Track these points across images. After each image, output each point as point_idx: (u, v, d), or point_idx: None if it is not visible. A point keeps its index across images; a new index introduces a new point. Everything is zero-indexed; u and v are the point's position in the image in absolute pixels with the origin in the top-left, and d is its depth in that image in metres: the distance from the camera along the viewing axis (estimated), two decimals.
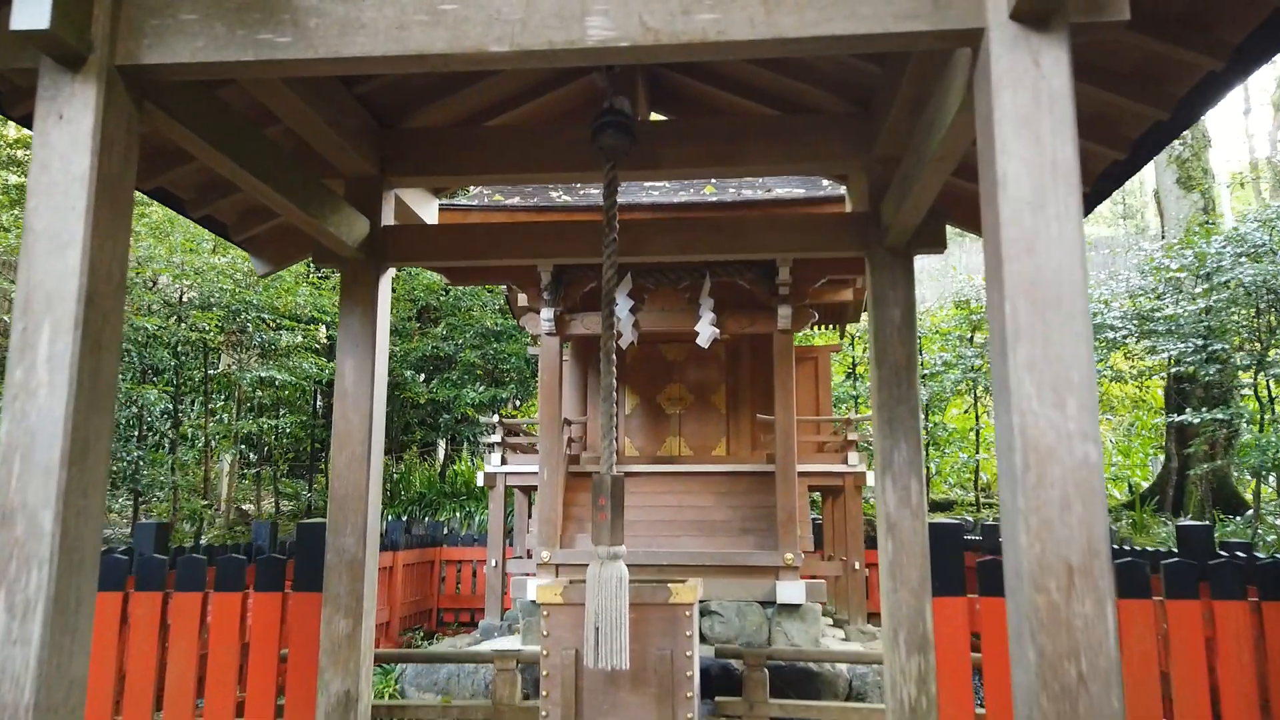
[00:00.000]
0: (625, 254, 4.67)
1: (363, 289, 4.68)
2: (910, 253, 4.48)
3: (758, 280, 7.87)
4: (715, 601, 7.47)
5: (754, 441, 9.12)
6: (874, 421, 4.49)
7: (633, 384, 9.39)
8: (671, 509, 8.13)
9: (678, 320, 8.07)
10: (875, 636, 8.16)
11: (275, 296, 10.89)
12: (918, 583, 4.17)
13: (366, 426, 4.55)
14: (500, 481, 8.77)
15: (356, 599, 4.40)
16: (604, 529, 4.02)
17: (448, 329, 13.43)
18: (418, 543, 11.33)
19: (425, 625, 11.50)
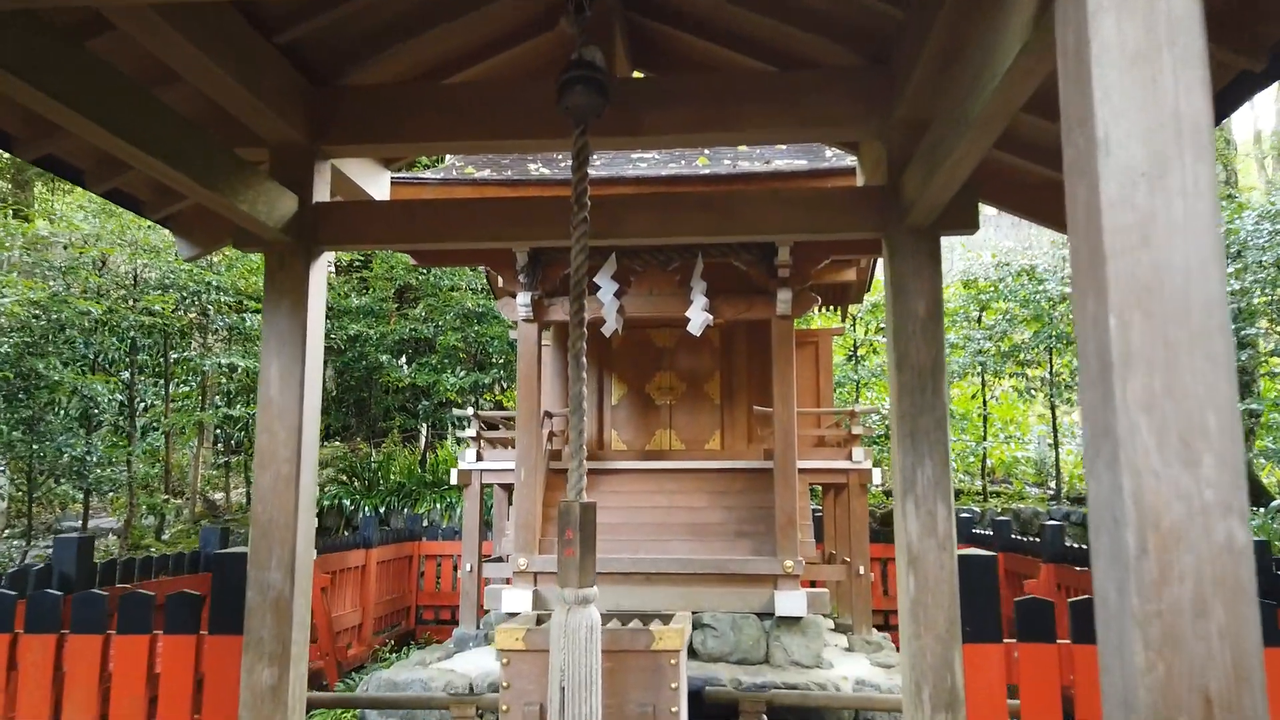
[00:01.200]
0: (602, 235, 3.98)
1: (290, 277, 3.98)
2: (936, 233, 3.79)
3: (755, 262, 7.16)
4: (708, 613, 6.83)
5: (750, 435, 8.45)
6: (893, 434, 3.81)
7: (619, 373, 8.71)
8: (661, 510, 7.47)
9: (667, 305, 7.38)
10: (881, 646, 7.54)
11: (239, 277, 10.17)
12: (945, 628, 3.51)
13: (295, 442, 3.87)
14: (476, 479, 8.10)
15: (283, 644, 3.74)
16: (571, 567, 3.35)
17: (427, 310, 12.71)
18: (394, 537, 10.69)
19: (403, 623, 10.89)
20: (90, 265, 9.40)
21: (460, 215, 4.18)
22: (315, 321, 4.02)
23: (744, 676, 6.25)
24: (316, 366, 4.02)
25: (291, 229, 3.94)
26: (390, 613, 10.53)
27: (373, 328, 12.31)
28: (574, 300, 3.65)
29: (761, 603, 6.83)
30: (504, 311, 7.46)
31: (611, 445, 8.56)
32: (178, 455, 12.71)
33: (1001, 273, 12.00)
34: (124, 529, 9.88)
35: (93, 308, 8.70)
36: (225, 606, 3.84)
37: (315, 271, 4.05)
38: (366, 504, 12.11)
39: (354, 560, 9.52)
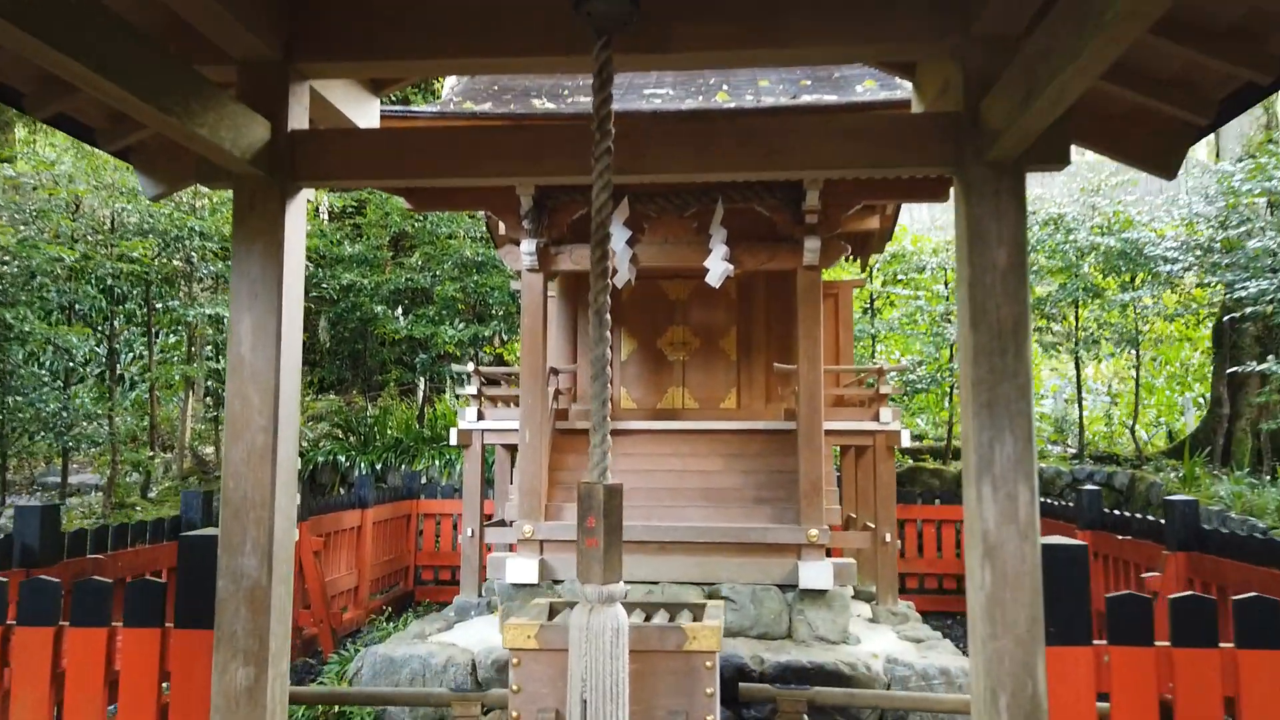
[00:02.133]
0: (623, 171, 3.41)
1: (262, 217, 3.42)
2: (1022, 169, 3.23)
3: (780, 206, 6.59)
4: (726, 585, 6.38)
5: (769, 394, 7.94)
6: (965, 404, 3.30)
7: (629, 326, 8.16)
8: (674, 474, 6.99)
9: (683, 254, 6.82)
10: (907, 617, 7.12)
11: (224, 222, 9.55)
12: (1026, 628, 3.03)
13: (271, 408, 3.35)
14: (477, 440, 7.60)
15: (260, 640, 3.26)
16: (594, 560, 2.85)
17: (423, 259, 12.10)
18: (391, 496, 10.24)
19: (402, 584, 10.49)
20: (63, 208, 8.79)
21: (458, 147, 3.60)
22: (293, 269, 3.47)
23: (766, 653, 5.83)
24: (295, 321, 3.48)
25: (263, 161, 3.36)
26: (388, 574, 10.12)
27: (367, 277, 11.71)
28: (596, 246, 3.10)
29: (784, 574, 6.38)
30: (507, 260, 6.90)
31: (621, 404, 8.05)
32: (167, 409, 12.21)
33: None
34: (108, 486, 9.40)
35: (65, 254, 8.11)
36: (194, 596, 3.36)
37: (292, 211, 3.49)
38: (362, 461, 11.65)
39: (349, 521, 9.07)
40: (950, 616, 9.91)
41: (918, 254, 12.24)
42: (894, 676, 5.65)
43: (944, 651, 6.02)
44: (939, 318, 11.87)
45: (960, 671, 5.60)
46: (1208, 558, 5.66)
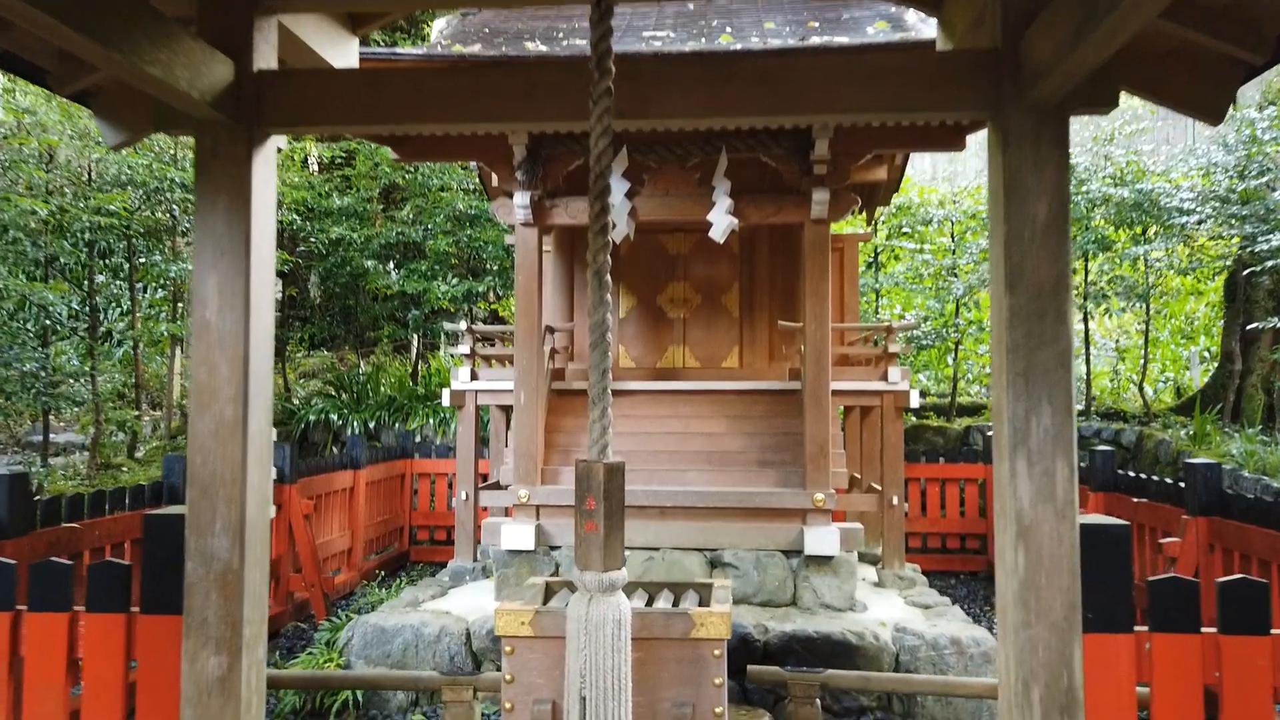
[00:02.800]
0: (624, 116, 3.10)
1: (227, 167, 3.11)
2: (1066, 113, 2.92)
3: (787, 156, 6.25)
4: (729, 551, 6.18)
5: (772, 352, 7.68)
6: (996, 370, 3.03)
7: (628, 282, 7.87)
8: (675, 436, 6.74)
9: (684, 207, 6.50)
10: (914, 581, 6.93)
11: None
12: (1063, 614, 2.80)
13: (240, 376, 3.07)
14: (470, 401, 7.34)
15: (233, 626, 3.02)
16: (593, 546, 2.60)
17: (415, 212, 11.72)
18: (384, 455, 10.01)
19: (396, 545, 10.31)
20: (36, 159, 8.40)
21: (443, 90, 3.28)
22: (263, 224, 3.17)
23: (770, 622, 5.63)
24: (266, 281, 3.18)
25: (226, 104, 3.05)
26: (382, 534, 9.93)
27: (356, 230, 11.34)
28: (595, 200, 2.80)
29: (788, 540, 6.17)
30: (499, 214, 6.57)
31: (619, 362, 7.78)
32: (155, 366, 11.92)
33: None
34: (92, 446, 9.16)
35: (39, 207, 7.75)
36: (161, 580, 3.11)
37: (260, 160, 3.18)
38: (355, 419, 11.40)
39: (340, 482, 8.85)
40: (954, 576, 9.78)
41: (924, 206, 11.89)
42: (902, 646, 5.46)
43: (953, 619, 5.83)
44: (945, 272, 11.56)
45: (971, 641, 5.42)
46: (1231, 523, 5.44)
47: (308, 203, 11.60)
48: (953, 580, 9.64)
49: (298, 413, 11.55)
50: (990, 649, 5.39)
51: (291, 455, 7.64)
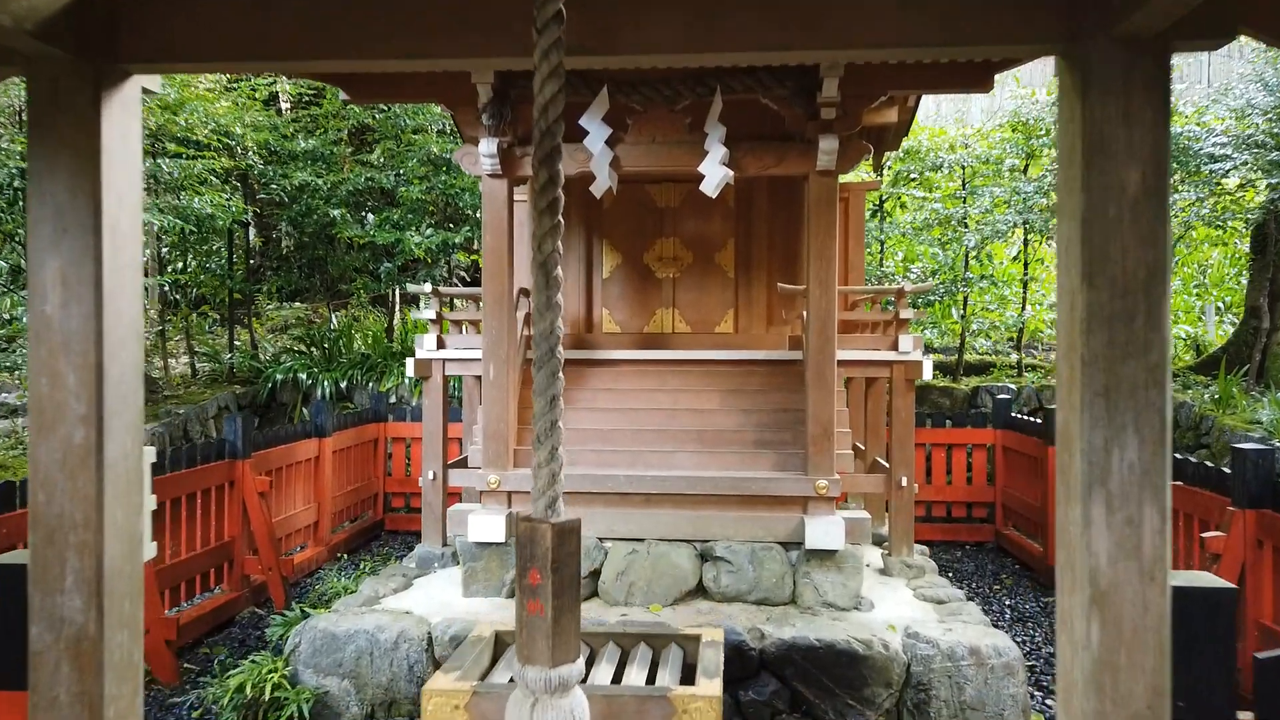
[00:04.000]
0: (588, 53, 2.38)
1: (70, 118, 2.38)
2: (1166, 49, 2.20)
3: (791, 98, 5.49)
4: (721, 543, 5.56)
5: (770, 316, 6.99)
6: (1064, 384, 2.35)
7: (612, 238, 7.14)
8: (663, 413, 6.09)
9: (674, 156, 5.74)
10: (923, 570, 6.35)
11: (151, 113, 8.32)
12: (1147, 701, 2.16)
13: (93, 388, 2.39)
14: (438, 371, 6.65)
15: (91, 707, 2.38)
16: (538, 633, 1.95)
17: (386, 156, 10.88)
18: (355, 420, 9.37)
19: (371, 513, 9.74)
20: None
21: (350, 19, 2.53)
22: (121, 191, 2.45)
23: (766, 626, 5.04)
24: (128, 265, 2.48)
25: (64, 37, 2.30)
26: (353, 504, 9.35)
27: (322, 176, 10.52)
28: (540, 164, 2.10)
29: (787, 530, 5.56)
30: (464, 164, 5.81)
31: (602, 327, 7.10)
32: None
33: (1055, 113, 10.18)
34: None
35: None
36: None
37: (116, 108, 2.44)
38: (325, 378, 10.71)
39: (304, 452, 8.22)
40: (959, 548, 9.25)
41: (934, 150, 11.09)
42: (915, 655, 4.88)
43: (970, 621, 5.25)
44: (955, 222, 10.81)
45: (992, 650, 4.84)
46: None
47: (270, 145, 10.76)
48: (959, 552, 9.12)
49: (265, 371, 10.86)
50: (1013, 659, 4.82)
51: (244, 427, 6.99)
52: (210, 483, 6.72)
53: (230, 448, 6.96)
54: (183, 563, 6.33)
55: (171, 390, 10.56)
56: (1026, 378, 10.81)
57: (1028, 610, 7.27)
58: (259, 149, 10.27)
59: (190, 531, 6.48)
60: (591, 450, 5.87)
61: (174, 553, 6.26)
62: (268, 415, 11.05)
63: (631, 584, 5.47)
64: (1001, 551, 9.14)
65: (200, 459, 6.64)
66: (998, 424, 9.29)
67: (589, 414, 6.11)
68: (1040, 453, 8.20)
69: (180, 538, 6.35)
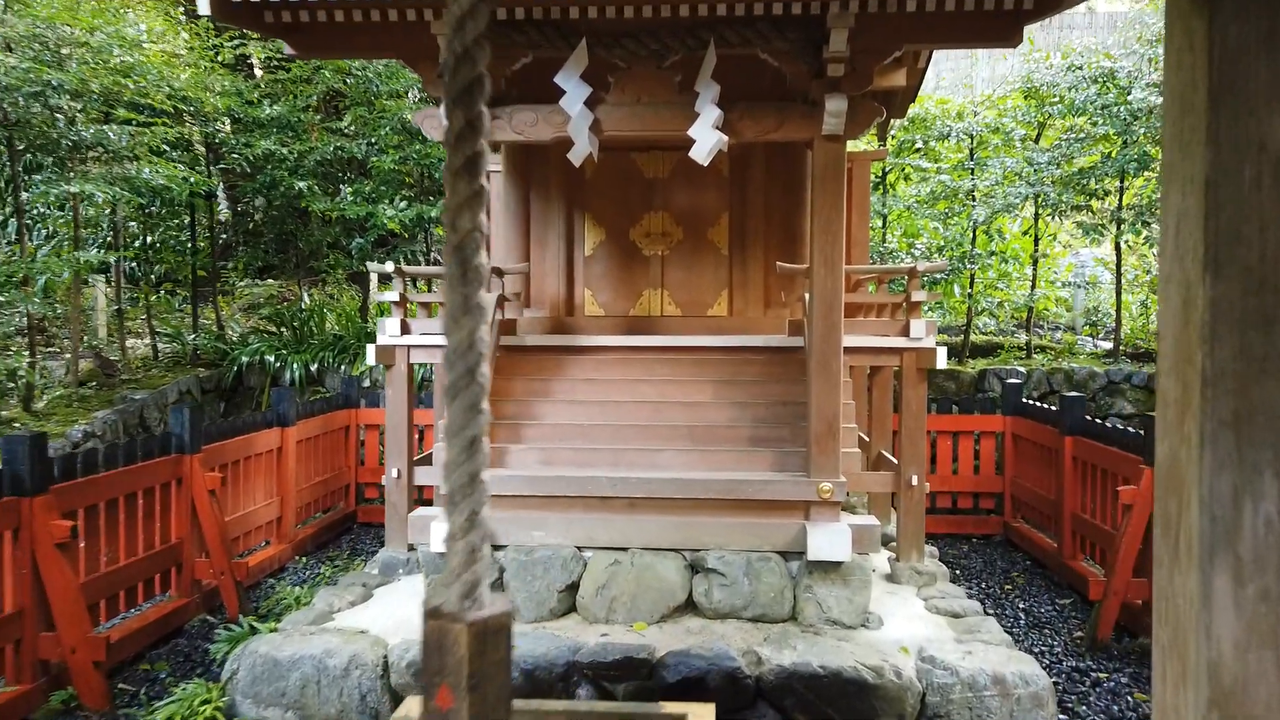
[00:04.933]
0: None
1: None
2: None
3: (794, 52, 4.85)
4: (713, 553, 4.99)
5: (768, 298, 6.40)
6: (1170, 409, 1.75)
7: (595, 212, 6.51)
8: (649, 407, 5.50)
9: (662, 119, 5.11)
10: (935, 577, 5.81)
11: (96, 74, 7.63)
12: None
13: None
14: (402, 358, 6.03)
15: None
16: None
17: (357, 123, 10.19)
18: (323, 407, 8.75)
19: (343, 504, 9.16)
20: None
21: None
22: None
23: (764, 649, 4.49)
24: None
25: None
26: (323, 495, 8.76)
27: (288, 145, 9.82)
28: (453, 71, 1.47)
29: (787, 539, 4.99)
30: (426, 128, 5.16)
31: (584, 310, 6.49)
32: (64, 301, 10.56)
33: (1072, 78, 9.59)
34: None
35: None
36: None
37: None
38: (295, 360, 10.09)
39: (264, 444, 7.62)
40: (966, 541, 8.71)
41: (941, 118, 10.44)
42: (931, 683, 4.33)
43: (991, 641, 4.70)
44: (962, 195, 10.19)
45: (1018, 679, 4.29)
46: None
47: (235, 112, 10.05)
48: (965, 546, 8.58)
49: (230, 354, 10.23)
50: (1041, 689, 4.27)
51: (192, 419, 6.38)
52: (154, 481, 6.11)
53: (177, 441, 6.35)
54: (121, 570, 5.74)
55: (131, 374, 9.93)
56: (1035, 360, 10.25)
57: (1043, 615, 6.74)
58: (223, 115, 9.57)
59: (131, 535, 5.89)
60: (569, 448, 5.29)
61: (111, 559, 5.68)
62: (234, 400, 10.44)
63: (613, 599, 4.90)
64: (1010, 545, 8.61)
65: (142, 454, 6.03)
66: (1007, 410, 8.73)
67: (567, 407, 5.52)
68: (1054, 442, 7.64)
69: (119, 542, 5.76)
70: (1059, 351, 10.55)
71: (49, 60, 7.72)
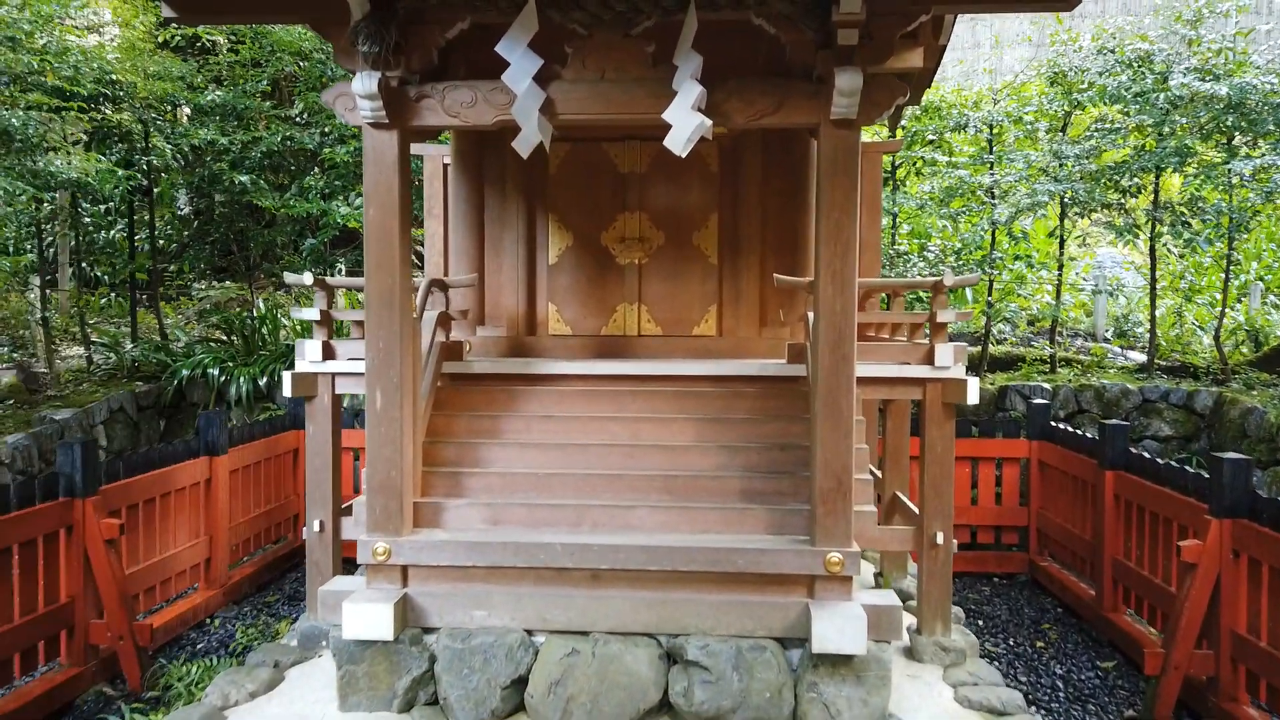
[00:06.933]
0: None
1: None
2: None
3: (797, 16, 3.86)
4: (695, 639, 4.01)
5: (764, 314, 5.43)
6: None
7: (559, 211, 5.53)
8: (620, 451, 4.52)
9: (632, 99, 4.10)
10: (965, 655, 4.83)
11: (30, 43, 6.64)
12: None
13: None
14: (325, 388, 5.03)
15: None
16: None
17: (309, 112, 9.20)
18: (263, 430, 7.75)
19: (290, 536, 8.17)
20: None
21: None
22: None
23: None
24: None
25: None
26: (263, 530, 7.76)
27: (230, 135, 8.81)
28: None
29: (785, 623, 4.01)
30: (339, 109, 4.15)
31: (548, 328, 5.51)
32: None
33: (1104, 62, 8.62)
34: None
35: None
36: None
37: None
38: (242, 374, 9.11)
39: (187, 477, 6.61)
40: (986, 581, 7.75)
41: (959, 106, 9.44)
42: None
43: None
44: (982, 191, 9.19)
45: None
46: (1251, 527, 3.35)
47: (175, 98, 9.05)
48: (986, 588, 7.61)
49: (172, 367, 9.24)
50: None
51: (85, 456, 5.38)
52: (36, 531, 5.12)
53: (66, 483, 5.36)
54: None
55: (59, 389, 8.94)
56: (1061, 374, 9.27)
57: (1086, 683, 5.75)
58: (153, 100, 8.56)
59: (3, 596, 4.91)
60: (521, 504, 4.31)
61: None
62: (176, 418, 9.46)
63: (570, 698, 3.93)
64: (1037, 587, 7.64)
65: (17, 501, 5.05)
66: (1033, 434, 7.75)
67: (519, 452, 4.53)
68: (1091, 475, 6.66)
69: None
70: (1087, 365, 9.57)
71: None
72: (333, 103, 4.14)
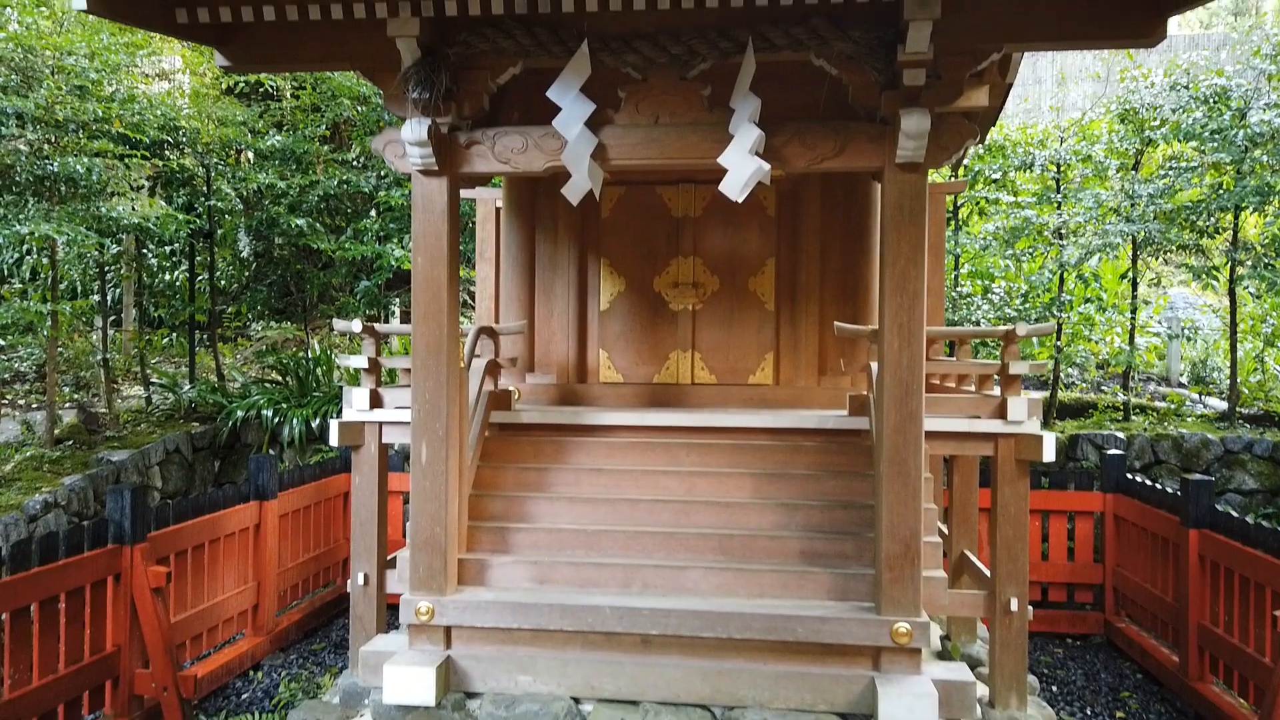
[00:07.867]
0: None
1: None
2: None
3: (859, 55, 3.69)
4: (751, 713, 3.77)
5: (823, 363, 5.21)
6: None
7: (612, 257, 5.41)
8: (673, 508, 4.32)
9: (686, 143, 3.96)
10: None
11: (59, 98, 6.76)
12: None
13: None
14: (372, 437, 4.93)
15: None
16: None
17: (365, 155, 9.28)
18: (314, 474, 7.71)
19: (338, 580, 8.09)
20: None
21: None
22: None
23: None
24: None
25: None
26: (314, 574, 7.69)
27: (288, 179, 8.91)
28: None
29: (849, 697, 3.75)
30: (388, 156, 4.08)
31: (599, 375, 5.36)
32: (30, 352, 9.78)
33: (1177, 98, 8.30)
34: None
35: None
36: None
37: None
38: (295, 415, 9.12)
39: (236, 522, 6.57)
40: (1059, 642, 7.32)
41: (1024, 144, 9.16)
42: None
43: None
44: (1049, 232, 8.87)
45: None
46: None
47: (237, 143, 9.20)
48: (1059, 650, 7.19)
49: (227, 408, 9.30)
50: None
51: (134, 502, 5.35)
52: (84, 579, 5.09)
53: (114, 530, 5.33)
54: (31, 693, 4.70)
55: (117, 429, 9.03)
56: (1135, 422, 8.84)
57: None
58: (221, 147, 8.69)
59: (48, 648, 4.86)
60: (568, 562, 4.13)
61: (18, 681, 4.65)
62: (230, 459, 9.50)
63: None
64: (1114, 649, 7.20)
65: (66, 549, 5.02)
66: (1107, 486, 7.36)
67: (568, 507, 4.36)
68: (1173, 534, 6.26)
69: (32, 658, 4.73)
70: (1163, 413, 9.11)
71: (15, 86, 6.88)
72: (382, 150, 4.08)
